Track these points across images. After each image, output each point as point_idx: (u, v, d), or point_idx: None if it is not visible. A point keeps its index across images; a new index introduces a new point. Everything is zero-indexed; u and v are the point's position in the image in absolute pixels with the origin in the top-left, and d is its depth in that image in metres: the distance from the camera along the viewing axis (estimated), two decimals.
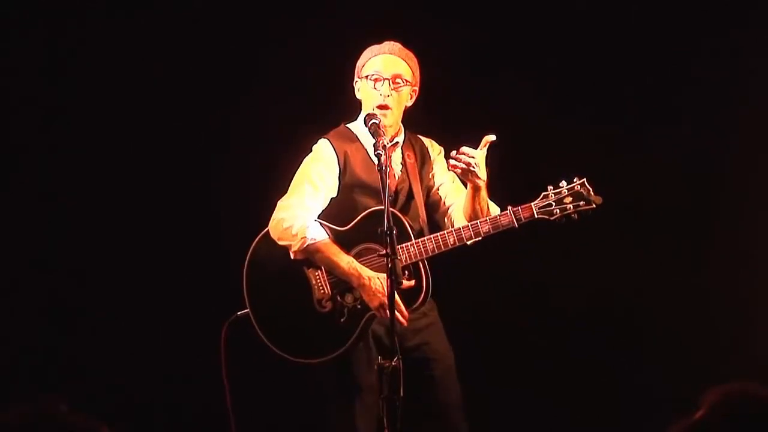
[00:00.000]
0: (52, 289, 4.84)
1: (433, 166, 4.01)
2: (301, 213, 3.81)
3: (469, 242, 3.80)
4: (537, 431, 4.83)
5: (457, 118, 4.39)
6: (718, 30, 4.77)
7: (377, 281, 3.70)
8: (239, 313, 3.86)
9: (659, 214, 4.84)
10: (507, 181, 4.00)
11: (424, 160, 4.01)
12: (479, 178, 3.73)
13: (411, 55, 3.95)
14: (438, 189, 4.00)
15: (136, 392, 4.83)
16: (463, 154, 3.71)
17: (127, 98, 4.83)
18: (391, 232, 3.38)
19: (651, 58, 4.83)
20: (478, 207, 3.79)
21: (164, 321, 4.79)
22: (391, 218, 3.41)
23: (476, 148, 3.74)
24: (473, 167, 3.70)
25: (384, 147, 3.56)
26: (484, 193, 3.78)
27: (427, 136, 4.07)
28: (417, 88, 3.96)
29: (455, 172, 3.79)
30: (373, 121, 3.72)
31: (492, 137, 3.76)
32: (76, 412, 2.07)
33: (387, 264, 3.36)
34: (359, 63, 3.96)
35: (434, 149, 4.04)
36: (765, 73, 4.76)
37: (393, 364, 3.29)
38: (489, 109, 4.66)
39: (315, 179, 3.87)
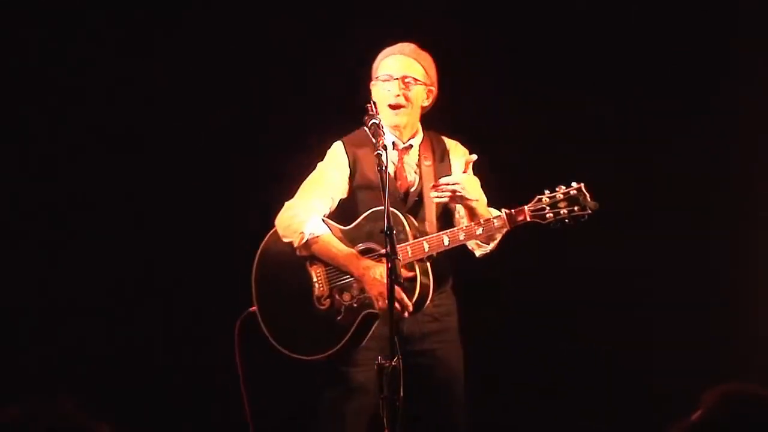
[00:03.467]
0: (65, 284, 4.83)
1: (452, 170, 3.93)
2: (303, 211, 3.82)
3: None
4: (532, 425, 4.84)
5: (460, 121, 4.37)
6: (718, 30, 4.77)
7: (376, 270, 3.68)
8: (251, 309, 3.89)
9: (659, 214, 4.84)
10: (510, 184, 3.99)
11: (443, 162, 3.96)
12: (470, 199, 3.74)
13: (425, 55, 3.94)
14: None
15: (151, 390, 4.85)
16: (443, 185, 3.73)
17: (147, 101, 4.86)
18: (391, 232, 3.37)
19: (651, 58, 4.83)
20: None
21: (179, 318, 4.87)
22: (391, 218, 3.40)
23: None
24: (459, 192, 3.71)
25: (384, 147, 3.53)
26: (482, 210, 3.77)
27: (452, 138, 4.03)
28: (434, 89, 3.94)
29: (444, 202, 3.79)
30: (373, 121, 3.64)
31: (473, 157, 3.78)
32: (81, 411, 2.08)
33: (387, 264, 3.36)
34: (374, 65, 3.96)
35: (457, 152, 3.98)
36: (765, 73, 4.77)
37: (393, 364, 3.28)
38: (492, 110, 4.66)
39: (322, 181, 3.89)
